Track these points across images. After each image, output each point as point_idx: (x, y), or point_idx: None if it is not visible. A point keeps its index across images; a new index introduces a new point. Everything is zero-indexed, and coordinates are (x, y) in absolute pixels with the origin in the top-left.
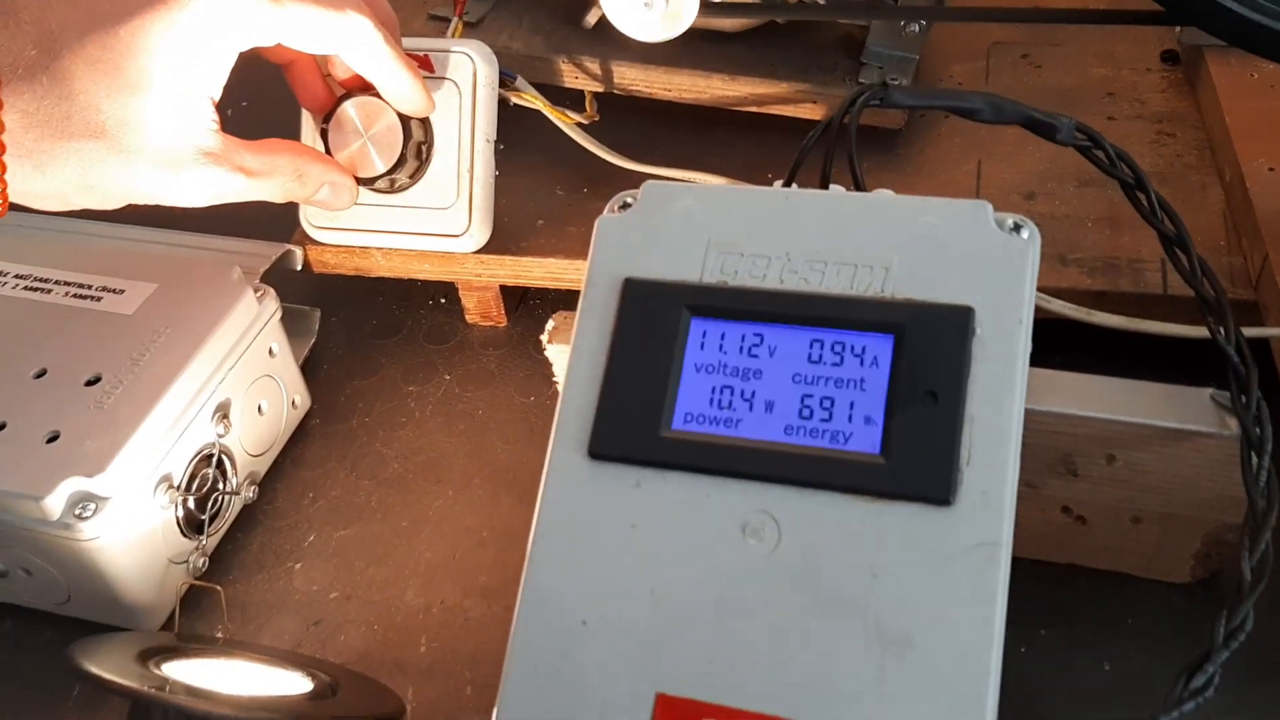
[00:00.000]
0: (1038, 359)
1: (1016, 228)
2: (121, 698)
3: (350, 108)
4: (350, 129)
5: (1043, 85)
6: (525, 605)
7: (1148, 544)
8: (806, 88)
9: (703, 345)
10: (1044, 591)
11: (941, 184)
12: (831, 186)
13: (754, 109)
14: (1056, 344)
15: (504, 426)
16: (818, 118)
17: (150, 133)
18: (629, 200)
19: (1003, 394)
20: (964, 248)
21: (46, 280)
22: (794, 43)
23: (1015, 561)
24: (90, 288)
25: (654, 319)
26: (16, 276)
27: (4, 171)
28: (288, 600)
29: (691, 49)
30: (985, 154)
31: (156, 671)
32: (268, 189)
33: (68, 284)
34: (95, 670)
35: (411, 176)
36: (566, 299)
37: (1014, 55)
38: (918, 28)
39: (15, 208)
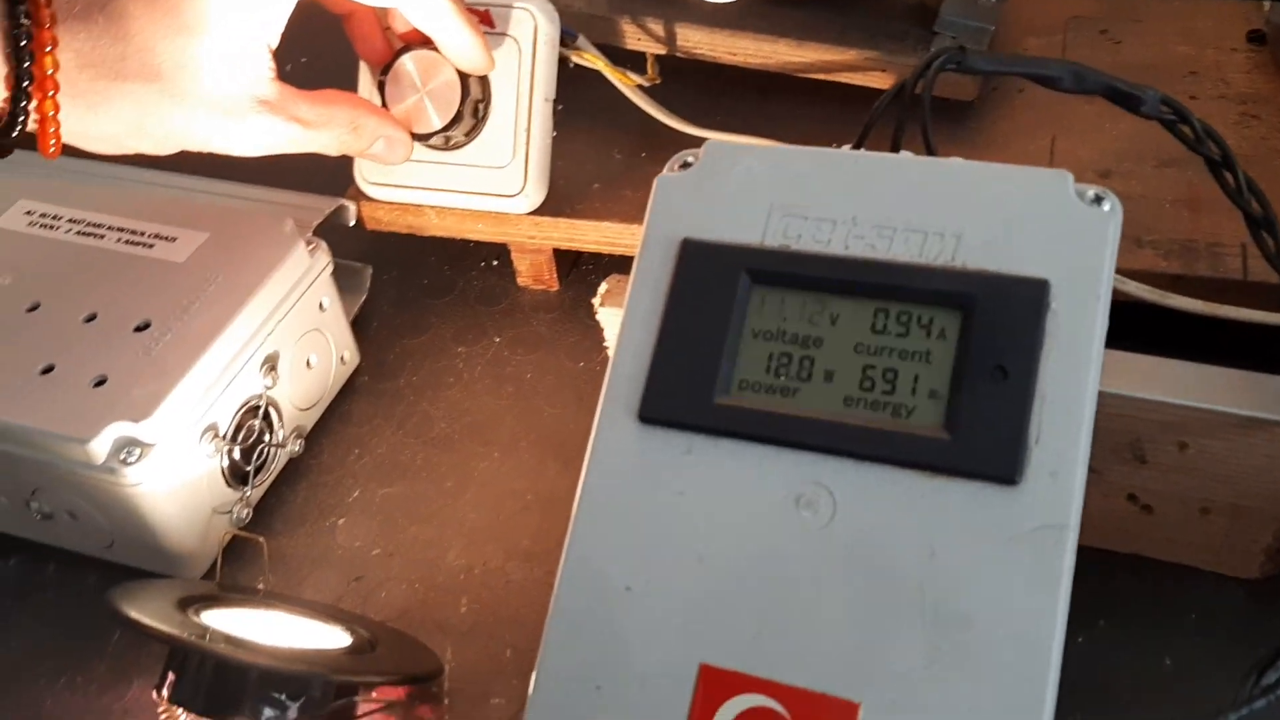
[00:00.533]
0: (1108, 342)
1: (1098, 199)
2: (160, 643)
3: (408, 61)
4: (407, 83)
5: (1122, 62)
6: (568, 568)
7: (1216, 536)
8: (876, 55)
9: (761, 310)
10: (1105, 581)
11: (1014, 159)
12: (901, 152)
13: (820, 76)
14: (1128, 329)
15: (552, 391)
16: (886, 87)
17: (205, 78)
18: (690, 159)
19: (1077, 372)
20: (1041, 218)
21: (99, 226)
22: (864, 9)
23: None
24: (142, 234)
25: (712, 282)
26: (70, 221)
27: (58, 111)
28: (330, 555)
29: (757, 12)
30: (1060, 129)
31: (196, 619)
32: (322, 140)
33: (120, 230)
34: (134, 615)
35: (468, 134)
36: (620, 264)
37: (1092, 30)
38: None
39: (69, 150)
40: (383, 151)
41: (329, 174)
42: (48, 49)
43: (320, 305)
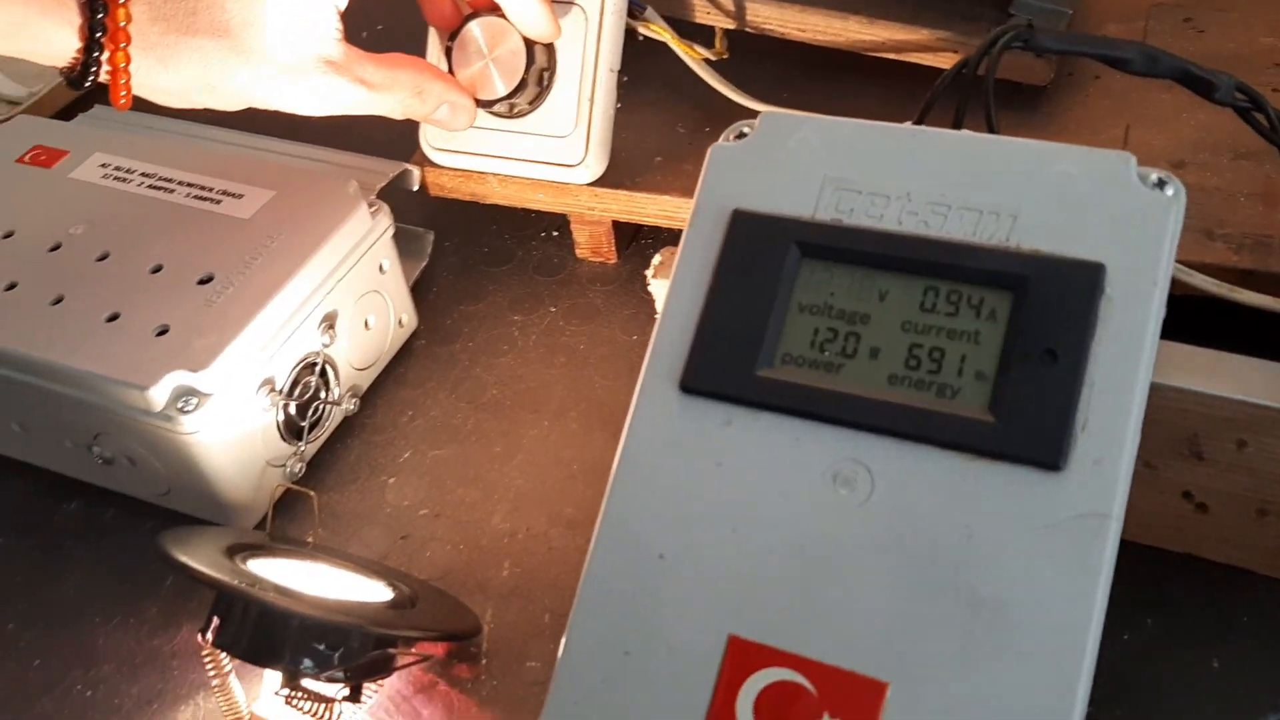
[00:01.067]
0: (1171, 335)
1: (1160, 184)
2: (206, 587)
3: (475, 28)
4: (474, 49)
5: (1204, 52)
6: (603, 533)
7: (1272, 539)
8: (948, 36)
9: (809, 284)
10: (1155, 580)
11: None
12: (962, 130)
13: (891, 55)
14: (1195, 326)
15: (604, 362)
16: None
17: (272, 36)
18: (745, 130)
19: (1129, 359)
20: (1100, 200)
21: (170, 180)
22: None
23: (1126, 546)
24: (211, 190)
25: (760, 253)
26: (143, 175)
27: (129, 63)
28: (378, 513)
29: None
30: (1135, 118)
31: (243, 567)
32: (387, 103)
33: (190, 185)
34: (182, 558)
35: (531, 103)
36: (679, 239)
37: (1175, 18)
38: None
39: (143, 105)
40: (446, 117)
41: (396, 138)
42: (121, 1)
43: (380, 267)
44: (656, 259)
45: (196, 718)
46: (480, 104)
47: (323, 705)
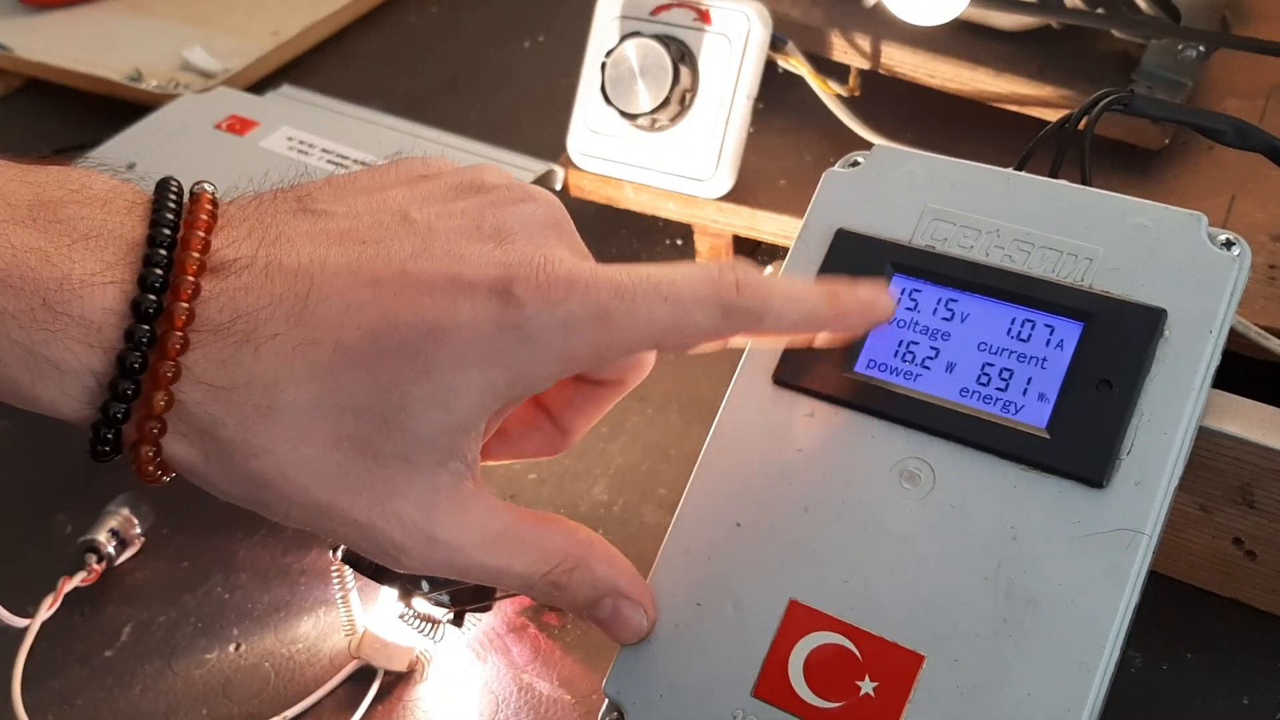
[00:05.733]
0: (1240, 390)
1: (1228, 244)
2: None
3: (630, 46)
4: (626, 66)
5: None
6: (689, 499)
7: None
8: (1070, 94)
9: (899, 300)
10: (1198, 619)
11: None
12: (1054, 179)
13: (1013, 107)
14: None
15: (710, 364)
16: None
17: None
18: (858, 159)
19: (1179, 398)
20: (1171, 253)
21: (345, 157)
22: (1067, 50)
23: (1177, 585)
24: None
25: (858, 269)
26: (322, 150)
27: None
28: (492, 473)
29: (962, 41)
30: (1242, 191)
31: None
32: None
33: (362, 164)
34: None
35: (672, 119)
36: None
37: None
38: (1195, 54)
39: (329, 91)
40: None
41: (546, 141)
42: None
43: None
44: (768, 270)
45: (317, 627)
46: (625, 116)
47: (430, 625)
